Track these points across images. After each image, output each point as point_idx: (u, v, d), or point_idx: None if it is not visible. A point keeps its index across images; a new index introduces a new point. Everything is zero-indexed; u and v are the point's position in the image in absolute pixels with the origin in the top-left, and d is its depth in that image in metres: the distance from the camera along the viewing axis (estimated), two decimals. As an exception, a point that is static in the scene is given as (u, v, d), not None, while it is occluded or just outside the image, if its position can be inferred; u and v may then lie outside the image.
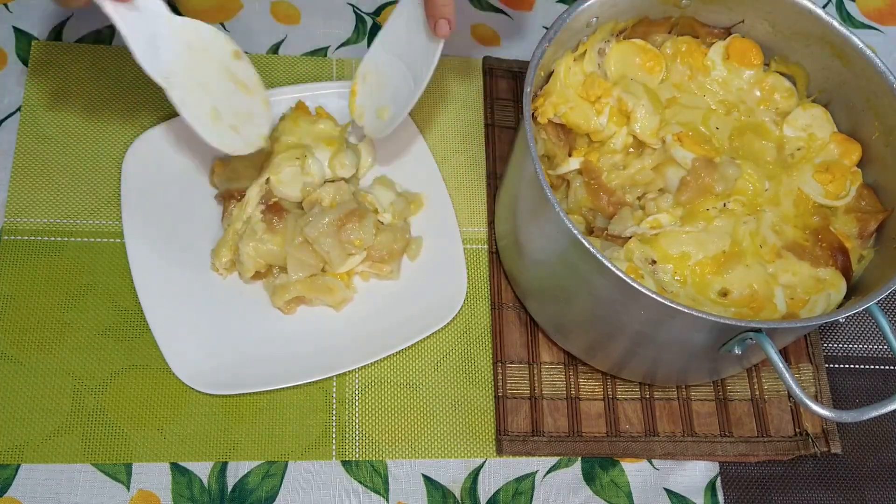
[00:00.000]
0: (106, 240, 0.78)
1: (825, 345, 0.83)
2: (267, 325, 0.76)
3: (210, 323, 0.75)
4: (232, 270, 0.77)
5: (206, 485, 0.70)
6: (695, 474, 0.76)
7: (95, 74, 0.84)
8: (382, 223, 0.79)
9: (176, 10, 0.89)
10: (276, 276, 0.77)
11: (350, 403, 0.75)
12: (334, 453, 0.73)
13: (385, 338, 0.76)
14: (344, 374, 0.76)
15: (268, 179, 0.76)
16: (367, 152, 0.83)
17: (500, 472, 0.74)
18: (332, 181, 0.78)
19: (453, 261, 0.79)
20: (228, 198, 0.78)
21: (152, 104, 0.84)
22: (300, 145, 0.79)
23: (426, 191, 0.83)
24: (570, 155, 0.74)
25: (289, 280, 0.75)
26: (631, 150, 0.74)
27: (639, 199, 0.72)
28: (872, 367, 0.83)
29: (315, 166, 0.77)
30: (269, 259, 0.75)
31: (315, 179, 0.77)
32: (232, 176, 0.79)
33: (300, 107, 0.82)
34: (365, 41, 0.92)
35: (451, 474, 0.74)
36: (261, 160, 0.78)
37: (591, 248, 0.60)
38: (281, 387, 0.73)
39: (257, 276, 0.76)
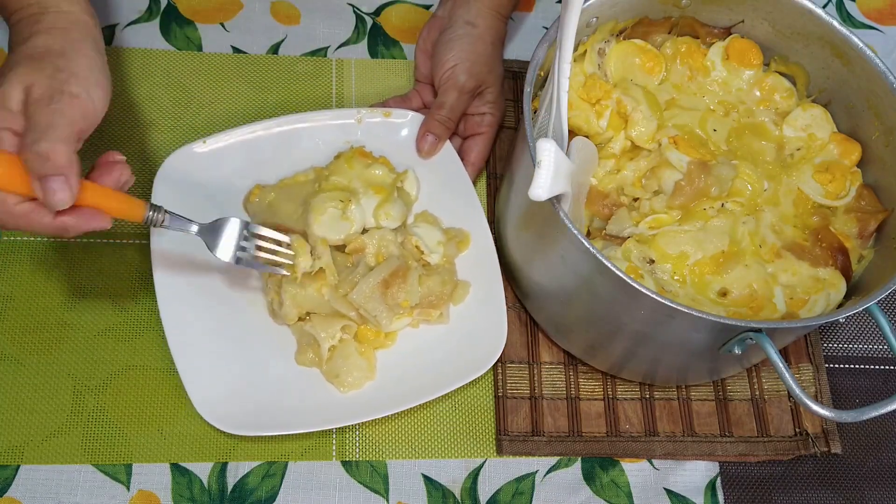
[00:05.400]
0: (106, 241, 0.77)
1: (825, 345, 0.83)
2: (295, 366, 0.73)
3: (235, 360, 0.72)
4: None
5: (206, 485, 0.70)
6: (695, 474, 0.76)
7: (95, 74, 0.84)
8: (429, 264, 0.75)
9: (176, 9, 0.90)
10: (308, 320, 0.73)
11: (350, 403, 0.75)
12: (334, 453, 0.73)
13: (412, 388, 0.72)
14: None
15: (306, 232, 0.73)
16: (411, 186, 0.79)
17: (500, 472, 0.74)
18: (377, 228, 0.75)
19: (493, 307, 0.75)
20: None
21: (151, 104, 0.84)
22: (348, 188, 0.75)
23: (468, 227, 0.79)
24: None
25: (322, 335, 0.71)
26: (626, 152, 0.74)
27: (634, 200, 0.72)
28: (872, 367, 0.83)
29: (357, 213, 0.74)
30: (307, 306, 0.72)
31: (354, 227, 0.74)
32: (269, 209, 0.75)
33: (359, 149, 0.79)
34: (365, 41, 0.92)
35: (451, 474, 0.74)
36: (303, 196, 0.75)
37: (592, 248, 0.60)
38: (307, 431, 0.70)
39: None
